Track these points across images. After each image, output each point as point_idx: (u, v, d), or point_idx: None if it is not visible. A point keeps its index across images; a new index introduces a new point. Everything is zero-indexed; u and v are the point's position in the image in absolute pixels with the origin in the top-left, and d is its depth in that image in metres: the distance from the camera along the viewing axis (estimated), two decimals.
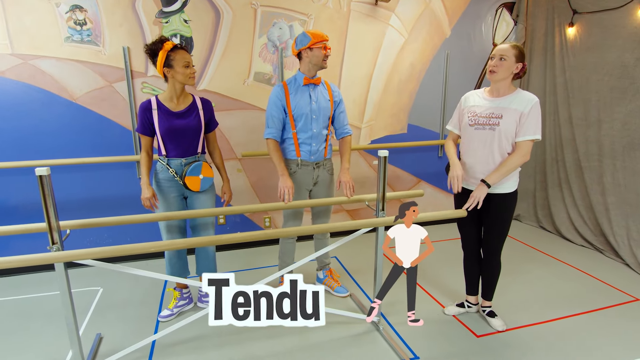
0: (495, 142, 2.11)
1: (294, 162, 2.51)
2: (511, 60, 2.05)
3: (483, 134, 2.13)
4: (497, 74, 2.07)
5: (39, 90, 2.95)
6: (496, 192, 2.18)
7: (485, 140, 2.14)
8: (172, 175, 2.31)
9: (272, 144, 2.43)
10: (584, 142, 3.51)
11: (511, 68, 2.06)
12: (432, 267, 3.21)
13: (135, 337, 2.32)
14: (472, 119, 2.17)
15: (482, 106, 2.15)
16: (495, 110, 2.10)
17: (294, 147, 2.49)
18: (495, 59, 2.08)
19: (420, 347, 2.23)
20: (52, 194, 1.70)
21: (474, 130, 2.16)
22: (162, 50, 2.18)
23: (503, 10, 3.88)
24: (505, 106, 2.09)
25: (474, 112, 2.17)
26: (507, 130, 2.08)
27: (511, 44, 2.08)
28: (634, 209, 3.14)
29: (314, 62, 2.39)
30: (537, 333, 2.35)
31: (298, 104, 2.42)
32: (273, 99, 2.43)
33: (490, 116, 2.11)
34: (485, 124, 2.11)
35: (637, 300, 2.70)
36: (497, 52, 2.09)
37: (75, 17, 2.91)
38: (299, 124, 2.45)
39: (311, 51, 2.36)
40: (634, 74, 3.08)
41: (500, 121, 2.08)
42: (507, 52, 2.06)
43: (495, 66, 2.07)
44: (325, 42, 2.37)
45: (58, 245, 1.75)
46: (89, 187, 3.18)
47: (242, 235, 1.89)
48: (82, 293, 2.83)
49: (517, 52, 2.06)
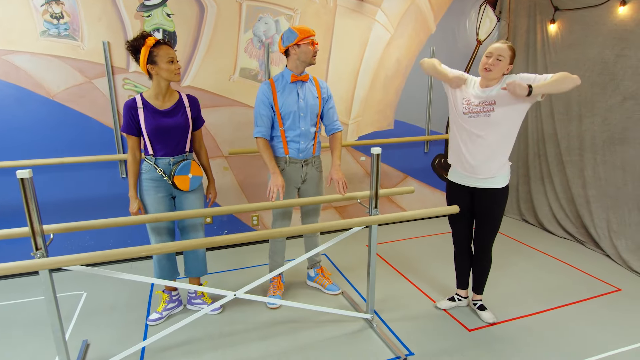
0: (490, 127, 2.11)
1: (282, 159, 2.47)
2: (506, 62, 2.08)
3: (478, 121, 2.14)
4: (493, 72, 2.08)
5: (13, 87, 2.80)
6: (488, 187, 2.20)
7: (479, 127, 2.14)
8: (160, 175, 2.24)
9: (261, 143, 2.39)
10: (565, 136, 3.59)
11: (504, 68, 2.09)
12: (422, 262, 3.23)
13: (124, 342, 2.25)
14: (467, 107, 2.17)
15: (475, 96, 2.16)
16: (487, 98, 2.12)
17: (282, 144, 2.45)
18: (493, 57, 2.08)
19: (414, 343, 2.24)
20: (35, 197, 1.62)
21: (468, 119, 2.17)
22: (145, 47, 2.09)
23: (486, 7, 3.92)
24: (495, 94, 2.10)
25: (468, 100, 2.18)
26: (502, 118, 2.08)
27: (508, 44, 2.09)
28: (614, 201, 3.23)
29: (302, 59, 2.35)
30: (526, 325, 2.39)
31: (285, 101, 2.38)
32: (260, 97, 2.39)
33: (483, 104, 2.12)
34: (480, 112, 2.12)
35: (619, 291, 2.78)
36: (495, 51, 2.08)
37: (52, 10, 2.77)
38: (287, 122, 2.41)
39: (299, 48, 2.32)
40: (614, 70, 3.16)
41: (494, 107, 2.08)
42: (504, 53, 2.07)
43: (492, 65, 2.08)
44: (313, 38, 2.33)
45: (42, 251, 1.67)
46: (69, 188, 3.05)
47: (235, 237, 1.85)
48: (66, 298, 2.73)
49: (512, 53, 2.09)
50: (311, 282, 2.86)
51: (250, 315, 2.52)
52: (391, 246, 3.56)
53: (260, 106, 2.39)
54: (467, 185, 2.27)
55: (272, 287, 2.69)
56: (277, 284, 2.69)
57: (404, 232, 3.86)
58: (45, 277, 1.68)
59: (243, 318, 2.49)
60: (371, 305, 2.34)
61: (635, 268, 3.02)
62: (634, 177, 3.08)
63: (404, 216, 2.17)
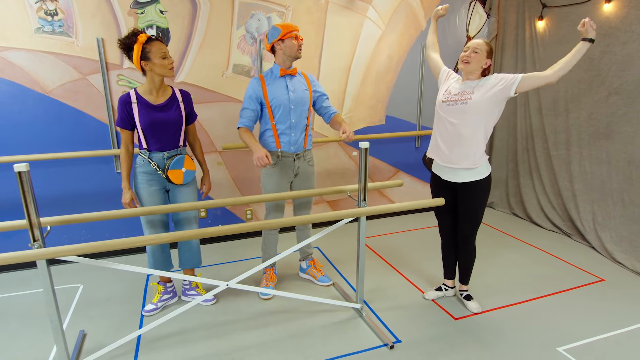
0: (465, 115, 2.18)
1: (274, 154, 2.53)
2: (483, 55, 2.17)
3: (455, 108, 2.22)
4: (470, 64, 2.17)
5: (8, 83, 2.84)
6: (470, 180, 2.27)
7: (455, 115, 2.21)
8: (154, 169, 2.29)
9: (242, 130, 2.41)
10: (552, 131, 3.67)
11: (482, 62, 2.17)
12: (411, 254, 3.31)
13: (120, 332, 2.31)
14: (445, 95, 2.28)
15: (455, 87, 2.27)
16: (466, 88, 2.22)
17: (273, 138, 2.51)
18: (469, 50, 2.18)
19: (402, 331, 2.32)
20: (32, 190, 1.67)
21: (446, 107, 2.26)
22: (137, 44, 2.14)
23: (476, 4, 3.97)
24: (474, 85, 2.20)
25: (448, 90, 2.29)
26: (479, 103, 2.15)
27: (484, 40, 2.20)
28: (599, 194, 3.32)
29: (287, 53, 2.42)
30: (510, 314, 2.48)
31: (275, 94, 2.44)
32: (249, 92, 2.45)
33: (462, 93, 2.22)
34: (458, 100, 2.21)
35: (602, 281, 2.87)
36: (471, 45, 2.19)
37: (46, 7, 2.81)
38: (277, 115, 2.47)
39: (283, 43, 2.40)
40: (599, 66, 3.23)
41: (472, 96, 2.17)
42: (481, 47, 2.17)
43: (469, 57, 2.17)
44: (296, 32, 2.40)
45: (40, 242, 1.72)
46: (64, 183, 3.10)
47: (227, 228, 1.91)
48: (62, 291, 2.78)
49: (488, 48, 2.19)
50: (303, 274, 2.92)
51: (243, 306, 2.58)
52: (382, 239, 3.63)
53: (247, 101, 2.45)
54: (449, 180, 2.35)
55: (264, 279, 2.75)
56: (270, 276, 2.76)
57: (395, 226, 3.94)
58: (43, 267, 1.74)
59: (236, 309, 2.55)
60: (360, 295, 2.41)
61: (619, 259, 3.10)
62: (618, 171, 3.16)
63: (391, 208, 2.24)
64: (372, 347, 2.19)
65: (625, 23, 3.03)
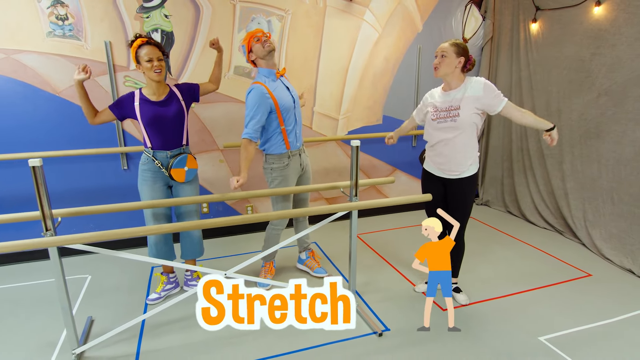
0: (457, 132, 2.30)
1: (285, 155, 2.57)
2: (452, 57, 2.23)
3: (445, 125, 2.32)
4: (440, 69, 2.27)
5: (22, 84, 3.00)
6: (458, 177, 2.38)
7: (448, 131, 2.32)
8: (157, 167, 2.44)
9: (246, 143, 2.39)
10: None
11: (453, 63, 2.24)
12: (405, 250, 3.42)
13: (125, 319, 2.44)
14: (434, 114, 2.37)
15: (440, 101, 2.36)
16: (452, 102, 2.30)
17: (283, 141, 2.54)
18: (438, 56, 2.27)
19: (391, 321, 2.44)
20: (45, 183, 1.82)
21: (437, 124, 2.36)
22: (132, 48, 2.31)
23: (472, 7, 4.08)
24: (460, 97, 2.28)
25: (434, 107, 2.38)
26: (466, 119, 2.26)
27: (450, 42, 2.26)
28: (590, 193, 3.41)
29: (260, 56, 2.44)
30: (497, 306, 2.58)
31: (281, 98, 2.47)
32: (258, 101, 2.36)
33: (449, 109, 2.30)
34: (447, 117, 2.31)
35: (589, 276, 2.96)
36: (438, 51, 2.28)
37: (57, 12, 2.97)
38: (286, 117, 2.50)
39: (253, 52, 2.46)
40: (590, 67, 3.32)
41: (459, 112, 2.27)
42: (447, 50, 2.24)
43: (437, 63, 2.27)
44: (256, 35, 2.43)
45: (52, 232, 1.87)
46: (73, 179, 3.26)
47: (226, 220, 2.04)
48: (72, 280, 2.93)
49: (456, 48, 2.24)
50: (301, 265, 3.05)
51: None
52: (378, 235, 3.75)
53: (258, 110, 2.37)
54: (439, 176, 2.46)
55: (263, 271, 2.88)
56: (269, 269, 2.89)
57: (391, 223, 4.05)
58: (54, 254, 1.88)
59: None
60: (353, 285, 2.53)
61: (608, 255, 3.19)
62: (607, 169, 3.25)
63: (381, 203, 2.36)
64: (361, 334, 2.31)
65: (614, 26, 3.12)
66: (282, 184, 2.63)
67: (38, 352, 2.19)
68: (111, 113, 2.40)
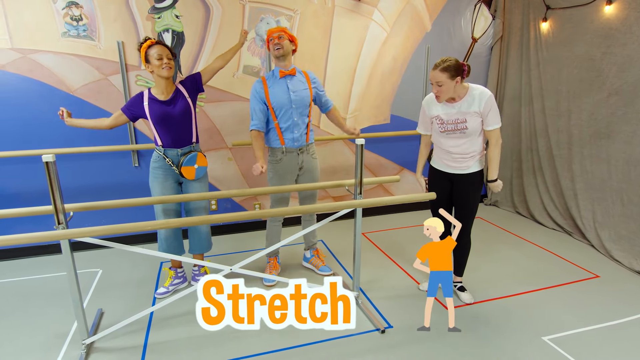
0: (467, 139, 2.37)
1: (279, 150, 2.69)
2: (447, 82, 2.22)
3: (455, 136, 2.38)
4: (442, 97, 2.30)
5: (38, 83, 3.10)
6: (463, 173, 2.40)
7: (457, 140, 2.39)
8: (168, 164, 2.50)
9: (255, 134, 2.60)
10: (555, 131, 3.73)
11: (451, 87, 2.24)
12: (410, 248, 3.43)
13: (134, 311, 2.50)
14: (442, 126, 2.40)
15: (446, 113, 2.38)
16: (459, 115, 2.33)
17: (277, 136, 2.67)
18: (434, 86, 2.28)
19: (394, 318, 2.45)
20: (57, 178, 1.88)
21: (446, 136, 2.41)
22: (142, 49, 2.38)
23: (481, 6, 4.06)
24: (465, 110, 2.32)
25: (440, 119, 2.40)
26: (475, 128, 2.34)
27: (440, 67, 2.20)
28: (599, 193, 3.37)
29: (273, 56, 2.62)
30: (501, 305, 2.58)
31: (276, 96, 2.59)
32: (253, 93, 2.62)
33: (457, 122, 2.34)
34: (455, 129, 2.36)
35: (597, 277, 2.94)
36: (432, 81, 2.26)
37: (72, 13, 3.05)
38: (280, 115, 2.62)
39: (269, 50, 2.63)
40: (600, 66, 3.29)
41: (466, 124, 2.32)
42: (440, 78, 2.21)
43: (437, 92, 2.29)
44: (271, 35, 2.57)
45: (64, 225, 1.93)
46: (85, 176, 3.35)
47: (232, 215, 2.09)
48: (83, 274, 3.02)
49: (448, 74, 2.20)
50: (306, 263, 3.09)
51: None
52: (384, 234, 3.77)
53: (253, 101, 2.62)
54: (446, 172, 2.48)
55: (268, 267, 2.93)
56: (274, 265, 2.93)
57: (396, 222, 4.06)
58: (66, 247, 1.95)
59: None
60: (357, 283, 2.56)
61: (617, 257, 3.16)
62: (617, 170, 3.21)
63: (385, 201, 2.38)
64: (364, 331, 2.33)
65: (625, 25, 3.08)
66: (274, 179, 2.74)
67: (49, 343, 2.27)
68: (124, 115, 2.48)
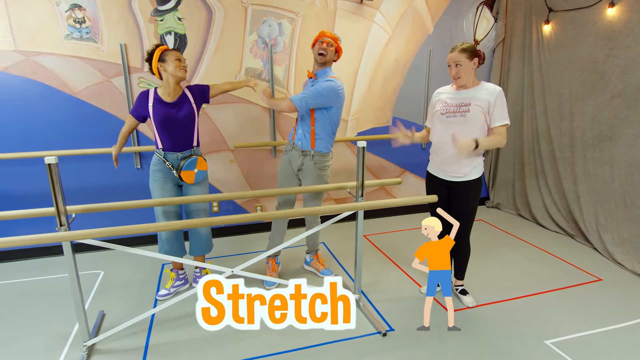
0: (465, 126, 2.31)
1: (289, 143, 2.76)
2: (466, 63, 2.25)
3: (454, 120, 2.34)
4: (461, 78, 2.29)
5: (40, 85, 3.11)
6: (462, 180, 2.38)
7: (456, 125, 2.33)
8: (168, 168, 2.50)
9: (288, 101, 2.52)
10: (557, 134, 3.72)
11: (469, 67, 2.27)
12: (411, 251, 3.40)
13: (136, 313, 2.49)
14: (444, 107, 2.38)
15: (452, 97, 2.37)
16: (464, 100, 2.32)
17: (293, 128, 2.76)
18: (452, 67, 2.28)
19: (396, 321, 2.45)
20: (60, 180, 1.89)
21: (445, 118, 2.37)
22: (157, 50, 2.40)
23: (483, 8, 4.06)
24: (472, 96, 2.30)
25: (444, 102, 2.39)
26: (476, 116, 2.29)
27: (459, 48, 2.26)
28: (602, 196, 3.36)
29: (314, 57, 2.64)
30: (504, 308, 2.57)
31: None
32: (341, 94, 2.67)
33: (460, 105, 2.32)
34: (456, 112, 2.33)
35: (599, 280, 2.92)
36: (451, 61, 2.29)
37: (75, 16, 3.06)
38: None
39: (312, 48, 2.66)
40: (603, 69, 3.28)
41: (469, 108, 2.29)
42: (459, 58, 2.25)
43: (456, 73, 2.28)
44: (321, 38, 2.58)
45: (65, 227, 1.93)
46: (87, 177, 3.35)
47: (233, 218, 2.09)
48: (85, 276, 3.02)
49: (466, 54, 2.25)
50: (307, 266, 3.09)
51: None
52: (385, 236, 3.76)
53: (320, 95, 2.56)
54: (443, 179, 2.46)
55: (267, 269, 2.92)
56: (272, 266, 2.93)
57: (398, 224, 4.05)
58: (68, 249, 1.95)
59: None
60: (358, 285, 2.55)
61: (619, 260, 3.14)
62: (620, 173, 3.20)
63: (386, 203, 2.38)
64: (366, 334, 2.32)
65: (628, 27, 3.08)
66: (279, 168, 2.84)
67: (51, 344, 2.27)
68: (133, 118, 2.50)
